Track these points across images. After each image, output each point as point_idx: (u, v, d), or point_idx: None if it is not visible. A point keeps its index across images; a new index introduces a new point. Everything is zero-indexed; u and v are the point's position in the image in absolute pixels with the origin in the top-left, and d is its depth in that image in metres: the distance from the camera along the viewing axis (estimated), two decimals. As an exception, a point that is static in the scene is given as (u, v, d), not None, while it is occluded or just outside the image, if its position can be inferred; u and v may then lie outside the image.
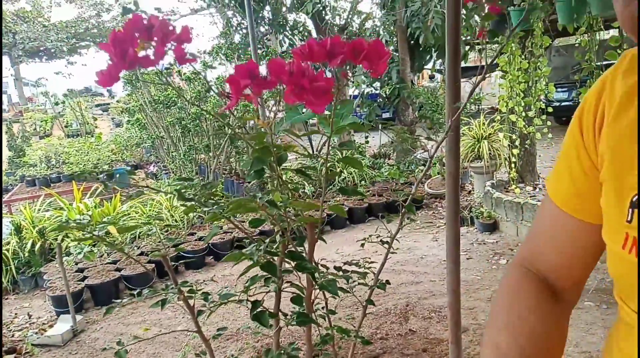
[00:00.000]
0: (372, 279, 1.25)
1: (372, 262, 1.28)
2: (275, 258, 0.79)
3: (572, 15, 3.43)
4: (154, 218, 4.19)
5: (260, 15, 8.04)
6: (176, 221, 4.61)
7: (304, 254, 0.83)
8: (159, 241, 4.30)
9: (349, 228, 4.89)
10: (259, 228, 3.97)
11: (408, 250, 4.07)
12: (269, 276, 0.80)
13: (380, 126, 6.94)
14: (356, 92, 7.85)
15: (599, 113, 0.51)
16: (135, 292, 1.02)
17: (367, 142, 7.24)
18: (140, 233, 4.37)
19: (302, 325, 0.81)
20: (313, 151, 7.04)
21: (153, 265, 3.57)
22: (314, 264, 0.78)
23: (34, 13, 21.59)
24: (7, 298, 3.89)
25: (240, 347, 2.74)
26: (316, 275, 0.87)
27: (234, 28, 8.16)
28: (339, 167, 6.02)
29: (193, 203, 0.81)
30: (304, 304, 0.83)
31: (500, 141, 4.45)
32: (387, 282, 1.18)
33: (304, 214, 0.86)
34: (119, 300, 3.53)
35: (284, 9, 8.79)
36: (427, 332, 2.70)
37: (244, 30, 7.93)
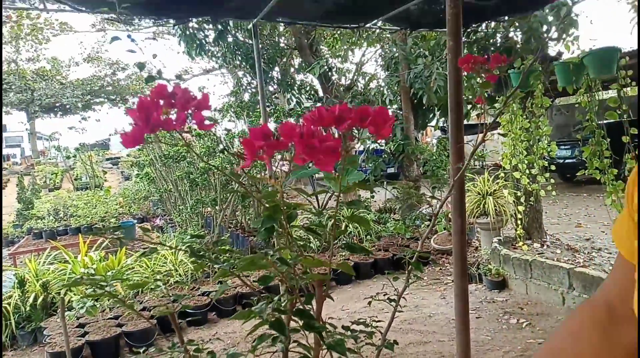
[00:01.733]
0: (380, 339, 1.23)
1: (379, 321, 1.26)
2: (284, 316, 0.79)
3: (570, 78, 3.57)
4: (163, 274, 4.17)
5: (270, 75, 8.39)
6: (180, 275, 4.57)
7: (312, 312, 0.84)
8: (163, 297, 4.25)
9: (355, 283, 4.81)
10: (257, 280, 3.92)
11: (415, 307, 3.98)
12: (277, 335, 0.80)
13: (385, 182, 7.01)
14: (361, 148, 8.00)
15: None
16: (140, 350, 1.01)
17: (372, 197, 7.28)
18: (143, 289, 4.32)
19: None
20: (319, 206, 7.06)
21: (155, 321, 3.50)
22: (321, 323, 0.78)
23: (53, 72, 22.63)
24: (4, 355, 3.79)
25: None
26: (324, 334, 0.87)
27: (244, 87, 8.49)
28: (344, 222, 6.03)
29: (204, 259, 0.83)
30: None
31: (505, 197, 4.48)
32: (395, 342, 1.16)
33: (312, 271, 0.87)
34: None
35: (292, 70, 9.19)
36: (437, 395, 2.59)
37: (254, 89, 8.25)
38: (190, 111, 0.71)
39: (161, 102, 0.69)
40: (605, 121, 3.59)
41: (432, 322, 3.64)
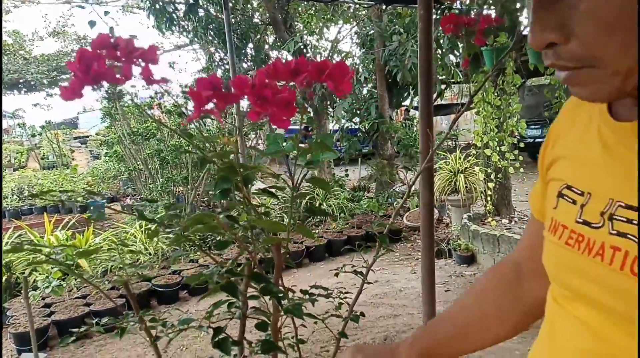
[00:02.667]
0: (347, 310, 1.22)
1: (347, 292, 1.26)
2: (239, 280, 0.76)
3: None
4: (119, 243, 4.08)
5: (243, 52, 8.20)
6: (150, 254, 4.49)
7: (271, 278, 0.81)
8: (132, 275, 4.18)
9: (328, 260, 4.84)
10: (231, 258, 3.90)
11: (386, 282, 4.03)
12: (233, 301, 0.77)
13: (359, 159, 7.02)
14: (336, 127, 7.97)
15: (551, 133, 0.64)
16: (94, 322, 0.97)
17: (346, 175, 7.29)
18: (112, 266, 4.23)
19: (266, 353, 0.77)
20: (294, 184, 7.02)
21: (124, 299, 3.44)
22: (280, 288, 0.76)
23: (16, 46, 21.56)
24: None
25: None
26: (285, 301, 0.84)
27: (216, 63, 8.28)
28: (318, 200, 6.02)
29: (155, 223, 0.79)
30: (270, 331, 0.80)
31: (476, 174, 4.54)
32: (362, 314, 1.15)
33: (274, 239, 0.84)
34: (88, 339, 3.33)
35: (266, 46, 8.99)
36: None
37: (226, 66, 8.05)
38: (136, 65, 0.66)
39: (103, 52, 0.64)
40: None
41: (403, 296, 3.70)
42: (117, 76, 0.65)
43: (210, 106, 0.61)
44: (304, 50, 7.88)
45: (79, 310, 3.54)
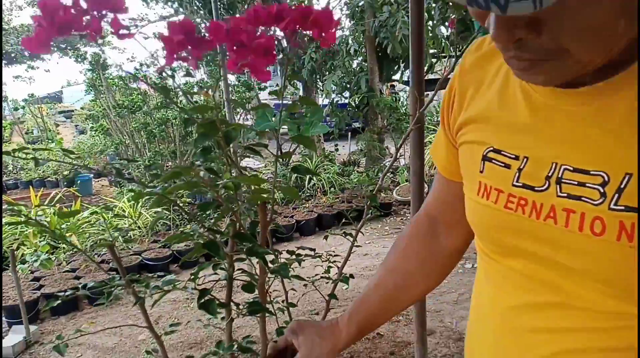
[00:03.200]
0: (336, 273, 1.23)
1: (336, 255, 1.26)
2: (220, 238, 0.75)
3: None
4: (102, 207, 4.05)
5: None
6: (139, 227, 4.47)
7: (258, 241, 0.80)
8: (122, 249, 4.16)
9: (319, 234, 4.86)
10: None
11: (377, 255, 4.07)
12: (218, 262, 0.76)
13: (349, 134, 6.99)
14: (326, 101, 7.89)
15: (453, 93, 0.63)
16: (99, 302, 0.96)
17: (336, 150, 7.27)
18: (100, 241, 4.21)
19: (253, 314, 0.77)
20: (283, 158, 6.98)
21: (114, 273, 3.43)
22: (266, 249, 0.75)
23: (-6, 16, 20.80)
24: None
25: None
26: (272, 263, 0.84)
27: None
28: (308, 174, 6.01)
29: (132, 183, 0.77)
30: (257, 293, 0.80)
31: (465, 148, 4.55)
32: (351, 276, 1.16)
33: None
34: (79, 311, 3.31)
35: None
36: (394, 335, 2.69)
37: (214, 37, 7.85)
38: (105, 15, 0.62)
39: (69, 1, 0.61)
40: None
41: (392, 268, 3.75)
42: (84, 25, 0.62)
43: (184, 54, 0.58)
44: (293, 21, 7.73)
45: (68, 283, 3.53)
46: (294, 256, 0.94)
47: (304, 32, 0.57)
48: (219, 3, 7.62)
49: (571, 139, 0.48)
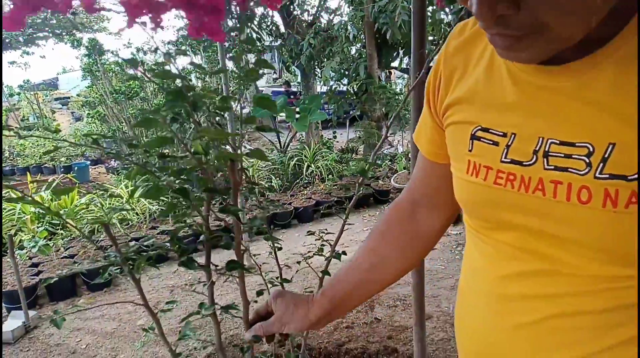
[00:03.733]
0: (330, 251, 1.24)
1: (329, 233, 1.27)
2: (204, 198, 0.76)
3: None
4: (97, 188, 4.05)
5: (228, 9, 7.91)
6: (137, 214, 4.47)
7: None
8: (120, 235, 4.17)
9: (317, 221, 4.88)
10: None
11: (374, 242, 4.09)
12: (193, 222, 0.79)
13: (347, 121, 6.97)
14: (324, 89, 7.85)
15: (439, 76, 0.65)
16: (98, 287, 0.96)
17: (335, 137, 7.26)
18: (99, 227, 4.21)
19: (231, 271, 0.80)
20: (281, 146, 7.00)
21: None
22: (238, 207, 0.76)
23: (-13, 1, 20.51)
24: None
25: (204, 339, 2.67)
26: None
27: None
28: (306, 161, 6.01)
29: (132, 163, 0.77)
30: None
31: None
32: (344, 253, 1.16)
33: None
34: (77, 297, 3.32)
35: (251, 3, 8.69)
36: (392, 319, 2.71)
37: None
38: None
39: None
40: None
41: (390, 255, 3.77)
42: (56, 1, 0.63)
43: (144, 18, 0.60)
44: (291, 7, 7.64)
45: (67, 268, 3.53)
46: (271, 206, 0.96)
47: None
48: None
49: (556, 114, 0.50)
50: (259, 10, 8.54)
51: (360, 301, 0.80)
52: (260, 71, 0.76)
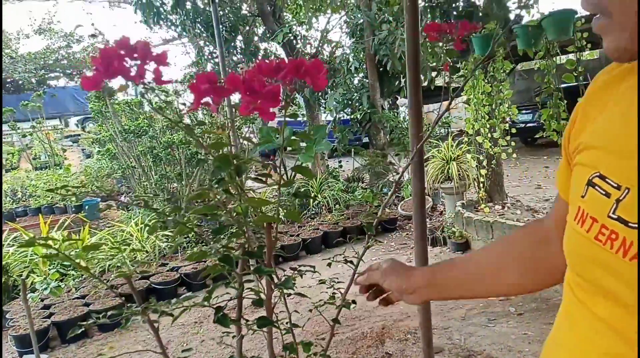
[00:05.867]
0: (340, 299, 1.25)
1: (340, 281, 1.28)
2: (239, 261, 0.80)
3: (530, 40, 3.60)
4: (118, 242, 4.09)
5: (233, 44, 8.14)
6: (147, 251, 4.51)
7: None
8: (118, 264, 4.19)
9: (324, 252, 4.87)
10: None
11: (383, 272, 4.07)
12: (229, 281, 0.83)
13: (352, 150, 7.03)
14: (330, 118, 7.96)
15: (578, 112, 0.62)
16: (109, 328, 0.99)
17: (340, 166, 7.31)
18: (110, 265, 4.24)
19: (262, 328, 0.83)
20: (287, 177, 7.04)
21: (123, 298, 3.46)
22: (271, 268, 0.81)
23: (1, 45, 21.24)
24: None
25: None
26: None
27: (206, 57, 8.23)
28: (313, 191, 6.05)
29: (156, 212, 0.82)
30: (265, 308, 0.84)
31: (468, 162, 4.57)
32: (354, 302, 1.18)
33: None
34: (88, 338, 3.31)
35: (255, 38, 8.94)
36: (403, 354, 2.68)
37: (216, 59, 7.99)
38: (149, 66, 0.73)
39: (122, 52, 0.70)
40: (563, 84, 3.68)
41: (400, 285, 3.74)
42: (132, 74, 0.72)
43: (207, 99, 0.67)
44: (294, 41, 7.84)
45: (78, 310, 3.55)
46: (296, 272, 1.01)
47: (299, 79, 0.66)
48: (221, 27, 7.76)
49: None
50: (263, 45, 8.78)
51: (459, 294, 0.84)
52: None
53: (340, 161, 7.36)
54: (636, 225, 0.46)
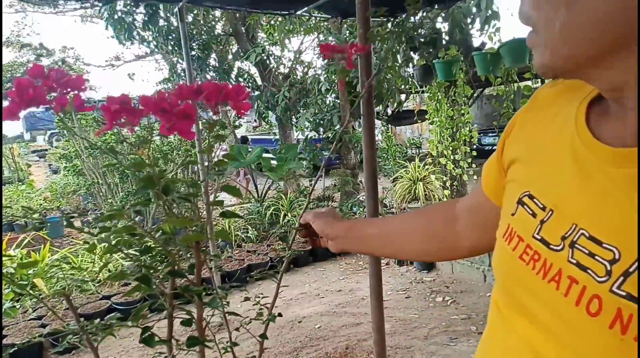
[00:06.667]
0: (268, 314, 1.26)
1: (265, 296, 1.29)
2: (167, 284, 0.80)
3: (488, 67, 3.77)
4: (60, 260, 3.99)
5: (206, 62, 8.17)
6: (109, 271, 4.39)
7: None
8: (91, 294, 4.08)
9: (292, 271, 4.85)
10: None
11: (350, 291, 4.09)
12: (159, 300, 0.83)
13: (322, 169, 7.07)
14: (300, 137, 8.02)
15: (513, 125, 0.62)
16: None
17: (311, 185, 7.34)
18: (69, 285, 4.11)
19: (191, 347, 0.84)
20: (258, 195, 7.05)
21: (82, 318, 3.35)
22: (200, 287, 0.81)
23: (-33, 56, 20.62)
24: None
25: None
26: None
27: (178, 74, 8.22)
28: (283, 210, 6.05)
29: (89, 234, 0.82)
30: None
31: (433, 182, 4.68)
32: (279, 315, 1.19)
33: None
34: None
35: (229, 57, 8.99)
36: (364, 374, 2.69)
37: (189, 77, 7.98)
38: (67, 92, 0.73)
39: (36, 81, 0.71)
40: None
41: (365, 304, 3.76)
42: (49, 99, 0.72)
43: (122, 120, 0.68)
44: (267, 60, 7.93)
45: (34, 331, 3.42)
46: (224, 292, 1.01)
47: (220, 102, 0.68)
48: (194, 44, 7.77)
49: (598, 203, 0.45)
50: (237, 64, 8.83)
51: (370, 250, 0.95)
52: (238, 121, 0.85)
53: (311, 180, 7.40)
54: (557, 248, 0.47)
